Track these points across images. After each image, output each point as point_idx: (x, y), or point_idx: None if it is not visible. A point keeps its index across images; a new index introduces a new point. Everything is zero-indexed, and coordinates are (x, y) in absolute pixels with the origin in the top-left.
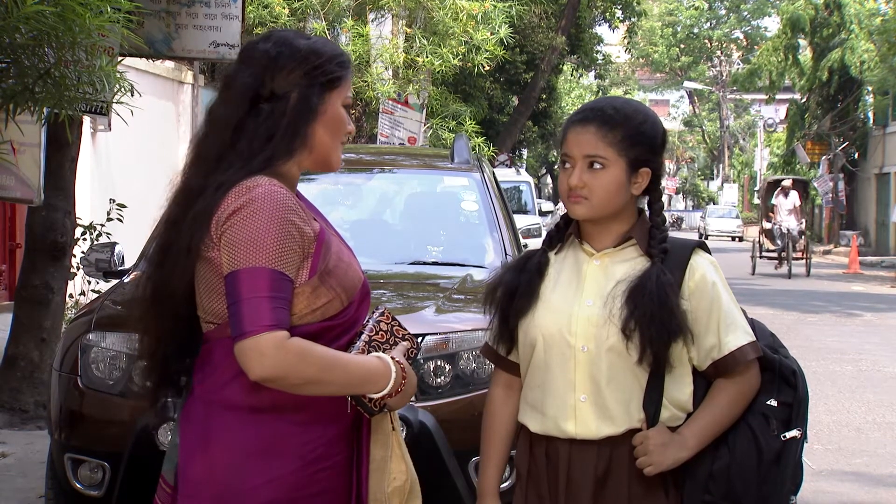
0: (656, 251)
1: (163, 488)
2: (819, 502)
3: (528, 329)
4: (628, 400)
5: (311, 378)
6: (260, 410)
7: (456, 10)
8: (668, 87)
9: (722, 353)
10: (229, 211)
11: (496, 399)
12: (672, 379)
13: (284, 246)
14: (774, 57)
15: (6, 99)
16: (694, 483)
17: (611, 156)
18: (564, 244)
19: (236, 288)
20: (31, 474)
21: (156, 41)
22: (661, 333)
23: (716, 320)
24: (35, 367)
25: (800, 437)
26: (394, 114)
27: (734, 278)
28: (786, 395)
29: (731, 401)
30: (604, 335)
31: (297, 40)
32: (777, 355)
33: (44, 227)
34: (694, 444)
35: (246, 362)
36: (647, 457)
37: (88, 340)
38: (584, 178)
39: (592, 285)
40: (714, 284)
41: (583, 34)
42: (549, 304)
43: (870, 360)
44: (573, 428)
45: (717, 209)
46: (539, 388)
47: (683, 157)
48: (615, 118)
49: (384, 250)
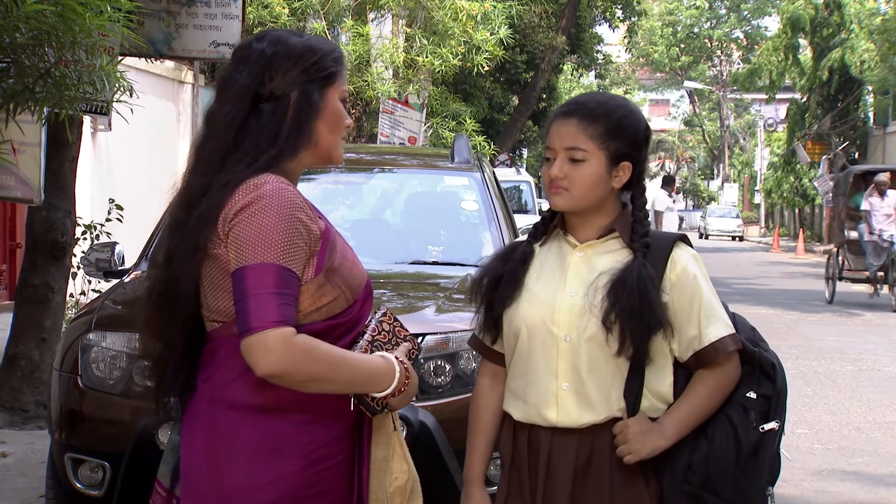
0: (638, 244)
1: (158, 492)
2: (820, 502)
3: (512, 319)
4: (609, 389)
5: (317, 375)
6: (264, 410)
7: (456, 9)
8: (668, 86)
9: (702, 345)
10: (237, 207)
11: (482, 388)
12: (653, 369)
13: (292, 243)
14: (774, 56)
15: (6, 98)
16: (673, 473)
17: (591, 148)
18: (549, 236)
19: (243, 284)
20: (31, 474)
21: (156, 41)
22: (640, 327)
23: (697, 312)
24: (35, 367)
25: (778, 429)
26: (394, 113)
27: (736, 277)
28: (765, 388)
29: (710, 392)
30: (584, 325)
31: (291, 39)
32: (757, 348)
33: (44, 226)
34: (673, 434)
35: (252, 358)
36: (626, 445)
37: (89, 340)
38: (564, 170)
39: (576, 276)
40: (695, 277)
41: (583, 34)
42: (532, 295)
43: (870, 359)
44: (555, 416)
45: (718, 209)
46: (522, 376)
47: (684, 156)
48: (596, 112)
49: (384, 250)
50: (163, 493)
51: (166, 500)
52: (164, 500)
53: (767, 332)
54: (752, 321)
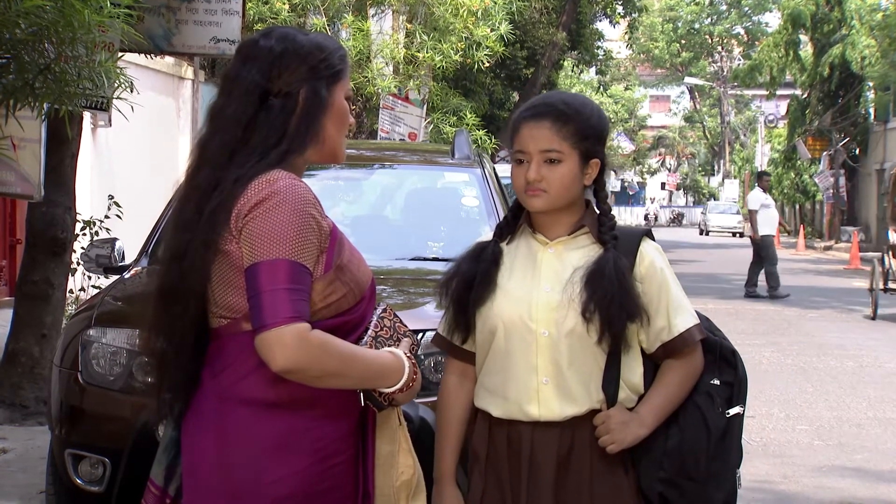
0: (608, 237)
1: (151, 491)
2: (820, 498)
3: (486, 317)
4: (588, 381)
5: (330, 370)
6: (276, 406)
7: (456, 5)
8: (668, 82)
9: (672, 335)
10: (251, 203)
11: (450, 387)
12: (625, 361)
13: (305, 239)
14: (775, 52)
15: (6, 94)
16: (649, 461)
17: (566, 149)
18: (515, 235)
19: (257, 280)
20: (31, 470)
21: (156, 37)
22: (619, 314)
23: (665, 303)
24: (35, 363)
25: (742, 413)
26: (394, 109)
27: (737, 274)
28: (727, 375)
29: (681, 380)
30: (562, 319)
31: (298, 36)
32: (717, 337)
33: (44, 222)
34: (651, 422)
35: (268, 354)
36: (609, 435)
37: (89, 336)
38: (541, 172)
39: (549, 272)
40: (662, 270)
41: (583, 30)
42: (507, 292)
43: (871, 355)
44: (537, 410)
45: (718, 205)
46: (499, 373)
47: (684, 152)
48: (567, 113)
49: (385, 246)
50: (156, 492)
51: (159, 500)
52: (157, 499)
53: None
54: (753, 317)
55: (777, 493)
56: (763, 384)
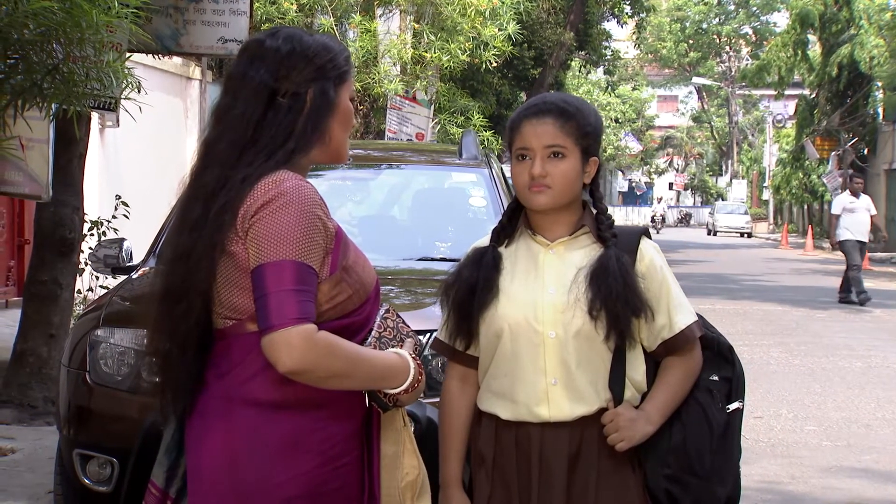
0: (608, 234)
1: (152, 493)
2: (828, 499)
3: (491, 321)
4: (596, 380)
5: (337, 371)
6: (283, 406)
7: (464, 5)
8: (676, 82)
9: (673, 332)
10: (258, 204)
11: (453, 391)
12: (629, 359)
13: (311, 240)
14: (783, 52)
15: (15, 95)
16: (655, 458)
17: (569, 145)
18: (513, 238)
19: (263, 281)
20: (39, 470)
21: (164, 37)
22: (625, 310)
23: (665, 301)
24: (43, 363)
25: (741, 408)
26: (402, 109)
27: (745, 274)
28: (725, 371)
29: (683, 377)
30: (570, 320)
31: (304, 37)
32: (714, 334)
33: (52, 222)
34: (658, 419)
35: (275, 355)
36: (618, 433)
37: (97, 336)
38: (546, 168)
39: (552, 273)
40: (661, 268)
41: (591, 30)
42: (511, 296)
43: (879, 356)
44: (546, 411)
45: (726, 205)
46: (507, 376)
47: (692, 152)
48: (569, 110)
49: (392, 246)
50: (156, 494)
51: (160, 501)
52: (158, 501)
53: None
54: (761, 318)
55: (785, 494)
56: (771, 384)
